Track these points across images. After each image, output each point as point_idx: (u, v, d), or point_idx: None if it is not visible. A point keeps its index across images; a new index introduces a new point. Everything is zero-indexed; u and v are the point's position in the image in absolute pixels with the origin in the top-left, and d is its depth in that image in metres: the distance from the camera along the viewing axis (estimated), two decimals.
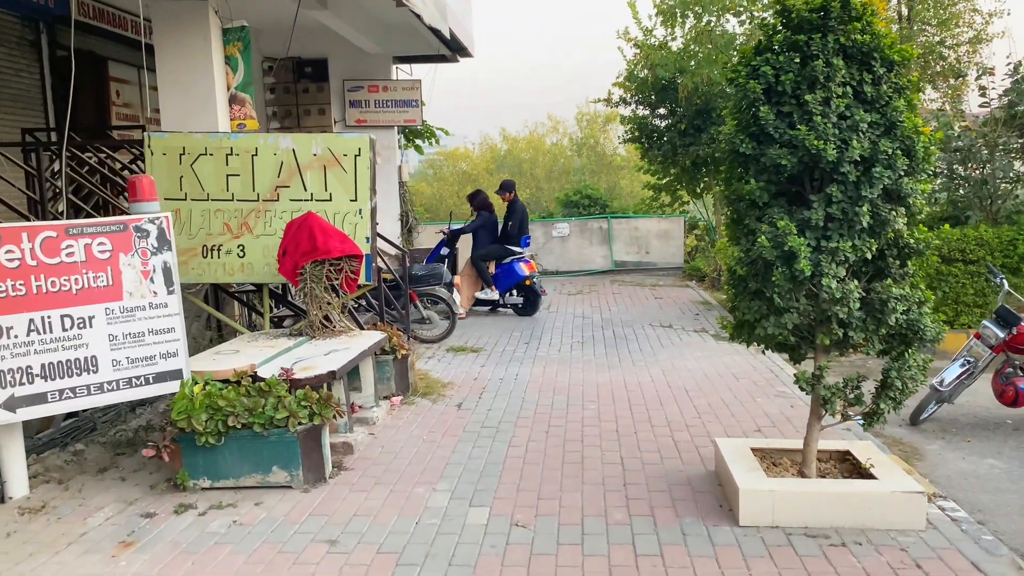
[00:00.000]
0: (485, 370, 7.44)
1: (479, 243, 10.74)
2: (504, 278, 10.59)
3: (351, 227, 6.47)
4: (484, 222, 10.79)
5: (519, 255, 10.56)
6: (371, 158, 6.50)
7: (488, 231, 10.78)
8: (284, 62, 14.45)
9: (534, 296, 10.61)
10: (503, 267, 10.58)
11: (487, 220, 10.82)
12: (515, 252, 10.56)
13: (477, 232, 10.83)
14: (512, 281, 10.55)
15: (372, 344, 5.88)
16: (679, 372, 7.23)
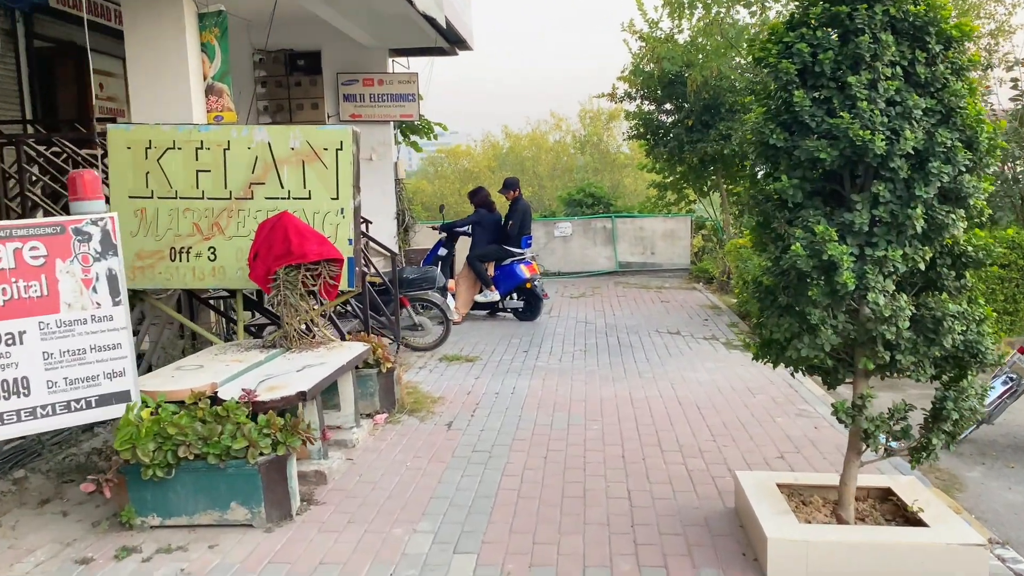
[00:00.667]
0: (479, 383, 6.88)
1: (477, 242, 10.12)
2: (504, 281, 10.00)
3: (332, 228, 5.92)
4: (481, 219, 10.15)
5: (520, 256, 9.99)
6: (354, 152, 5.94)
7: (487, 229, 10.15)
8: (276, 55, 13.91)
9: (535, 300, 10.03)
10: (503, 269, 9.99)
11: (484, 217, 10.16)
12: (515, 253, 9.98)
13: (475, 231, 10.21)
14: (512, 284, 9.97)
15: (352, 358, 5.32)
16: (689, 385, 6.66)
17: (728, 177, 14.28)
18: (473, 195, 10.53)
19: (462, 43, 14.02)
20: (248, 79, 13.91)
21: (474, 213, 10.24)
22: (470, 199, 10.52)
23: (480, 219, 10.16)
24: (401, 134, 15.05)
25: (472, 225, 10.23)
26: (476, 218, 10.17)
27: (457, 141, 46.13)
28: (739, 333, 8.96)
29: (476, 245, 10.12)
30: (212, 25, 7.27)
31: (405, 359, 7.80)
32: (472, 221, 10.21)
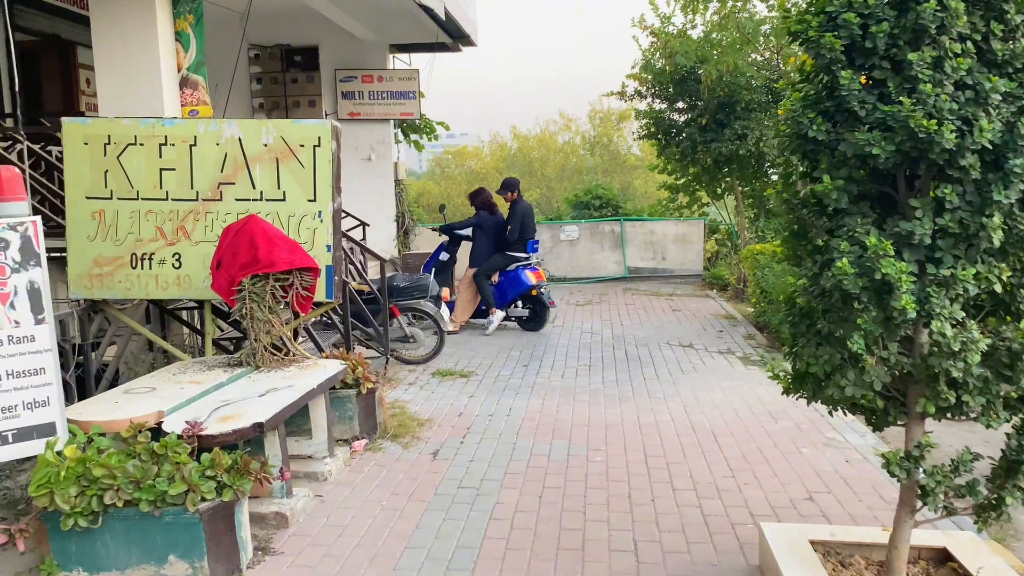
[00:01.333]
0: (473, 402, 6.28)
1: (478, 247, 9.48)
2: (508, 288, 9.35)
3: (308, 232, 5.35)
4: (482, 222, 9.47)
5: (524, 261, 9.37)
6: (333, 149, 5.36)
7: (488, 234, 9.48)
8: (272, 50, 13.39)
9: (542, 308, 9.38)
10: (507, 275, 9.34)
11: (486, 220, 9.49)
12: (519, 258, 9.36)
13: (475, 235, 9.56)
14: (517, 291, 9.32)
15: (326, 379, 4.74)
16: (704, 408, 6.04)
17: (743, 179, 13.64)
18: (474, 196, 9.87)
19: (465, 38, 13.46)
20: (243, 75, 13.38)
21: (474, 215, 9.59)
22: (471, 201, 9.85)
23: (481, 222, 9.51)
24: (402, 133, 14.48)
25: (472, 228, 9.59)
26: (476, 221, 9.52)
27: (465, 142, 45.66)
28: (757, 347, 8.33)
29: (477, 251, 9.47)
30: (187, 12, 6.72)
31: (395, 374, 7.22)
32: (472, 224, 9.56)
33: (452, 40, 13.37)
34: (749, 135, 12.12)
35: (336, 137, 5.42)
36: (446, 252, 9.76)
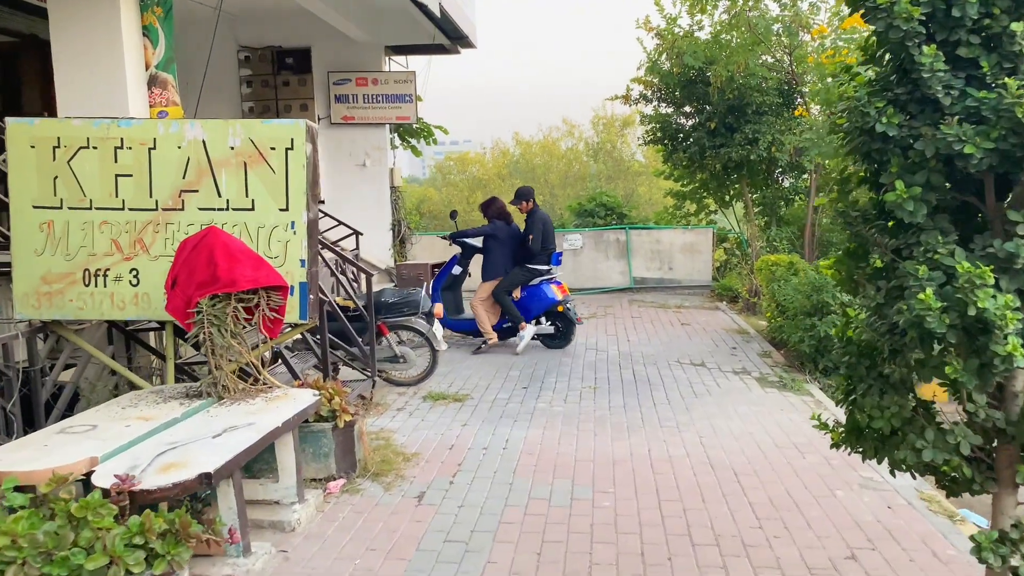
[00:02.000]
0: (466, 432, 5.69)
1: (492, 260, 8.67)
2: (531, 304, 8.58)
3: (280, 246, 4.79)
4: (496, 231, 8.68)
5: (547, 275, 8.66)
6: (308, 153, 4.80)
7: (504, 245, 8.68)
8: (262, 52, 12.84)
9: (568, 325, 8.69)
10: (530, 290, 8.61)
11: (501, 229, 8.70)
12: (541, 271, 8.63)
13: (489, 247, 8.72)
14: (541, 307, 8.59)
15: (295, 413, 4.16)
16: (722, 439, 5.44)
17: (754, 185, 13.06)
18: (487, 206, 9.01)
19: (464, 40, 12.91)
20: (232, 78, 12.85)
21: (488, 224, 8.76)
22: (483, 211, 9.01)
23: (496, 231, 8.69)
24: (399, 138, 13.92)
25: (486, 239, 8.75)
26: (491, 229, 8.69)
27: (468, 148, 45.15)
28: (774, 366, 7.73)
29: (492, 264, 8.68)
30: (154, 4, 6.16)
31: (382, 398, 6.63)
32: (487, 232, 8.72)
33: (450, 41, 12.82)
34: (760, 139, 11.54)
35: (311, 139, 4.86)
36: (459, 265, 8.97)
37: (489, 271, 8.69)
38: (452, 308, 8.86)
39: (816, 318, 7.15)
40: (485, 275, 8.73)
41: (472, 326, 8.81)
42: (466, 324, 8.88)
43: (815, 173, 11.77)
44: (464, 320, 8.89)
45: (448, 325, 8.73)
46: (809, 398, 6.56)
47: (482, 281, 8.76)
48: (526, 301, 8.60)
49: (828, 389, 7.00)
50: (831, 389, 6.99)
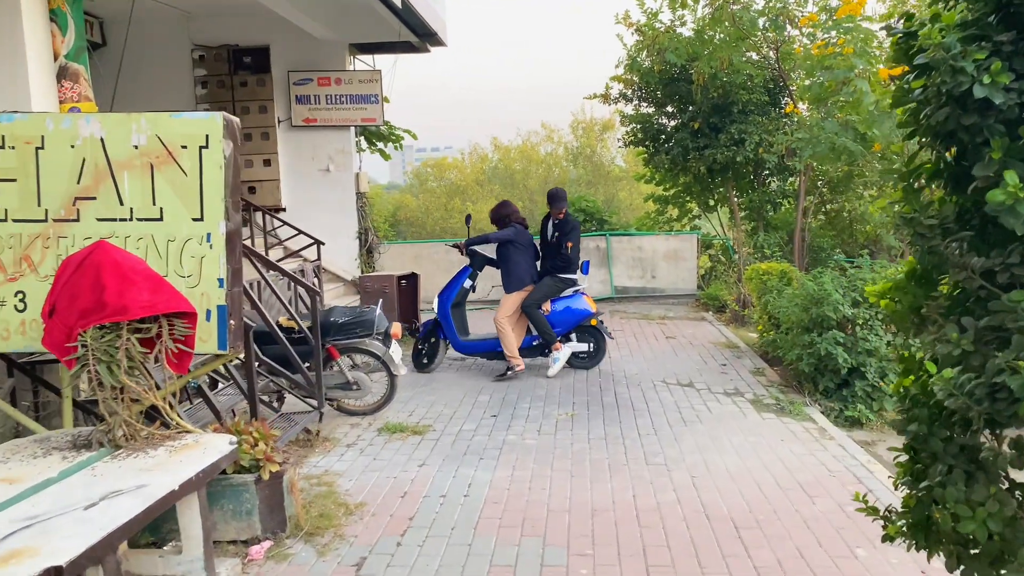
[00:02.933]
0: (424, 473, 4.94)
1: (514, 269, 7.64)
2: (563, 319, 7.67)
3: (194, 262, 4.04)
4: (518, 236, 7.65)
5: (576, 286, 7.76)
6: (226, 151, 4.05)
7: (525, 252, 7.70)
8: (218, 51, 12.04)
9: (600, 341, 7.84)
10: (559, 303, 7.71)
11: (522, 234, 7.68)
12: (573, 282, 7.70)
13: (508, 254, 7.66)
14: (574, 321, 7.70)
15: (200, 471, 3.38)
16: (717, 480, 4.72)
17: (739, 188, 12.41)
18: (502, 210, 7.86)
19: (433, 37, 12.17)
20: (186, 78, 12.04)
21: (509, 228, 7.68)
22: (497, 215, 7.86)
23: (517, 237, 7.65)
24: (365, 141, 13.16)
25: (504, 246, 7.68)
26: (513, 234, 7.62)
27: (443, 154, 44.43)
28: (768, 386, 7.03)
29: (513, 274, 7.63)
30: None
31: (332, 431, 5.86)
32: (508, 237, 7.63)
33: (418, 39, 12.08)
34: (747, 140, 10.88)
35: (231, 135, 4.10)
36: (469, 279, 7.86)
37: (514, 281, 7.64)
38: (460, 328, 7.86)
39: (815, 334, 6.45)
40: (509, 286, 7.68)
41: (488, 347, 7.75)
42: (481, 345, 7.79)
43: (805, 175, 11.13)
44: (478, 341, 7.82)
45: (460, 348, 7.79)
46: (811, 424, 5.86)
47: (506, 293, 7.70)
48: (556, 316, 7.65)
49: (830, 413, 6.31)
50: (833, 413, 6.31)
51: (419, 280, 9.90)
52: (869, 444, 5.86)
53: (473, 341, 7.83)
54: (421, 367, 7.89)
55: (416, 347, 7.98)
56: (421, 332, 8.04)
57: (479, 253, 7.86)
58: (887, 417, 6.25)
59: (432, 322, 7.95)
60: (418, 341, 8.01)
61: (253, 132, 12.05)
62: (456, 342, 7.77)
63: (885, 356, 6.23)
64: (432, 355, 7.94)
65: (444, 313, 7.73)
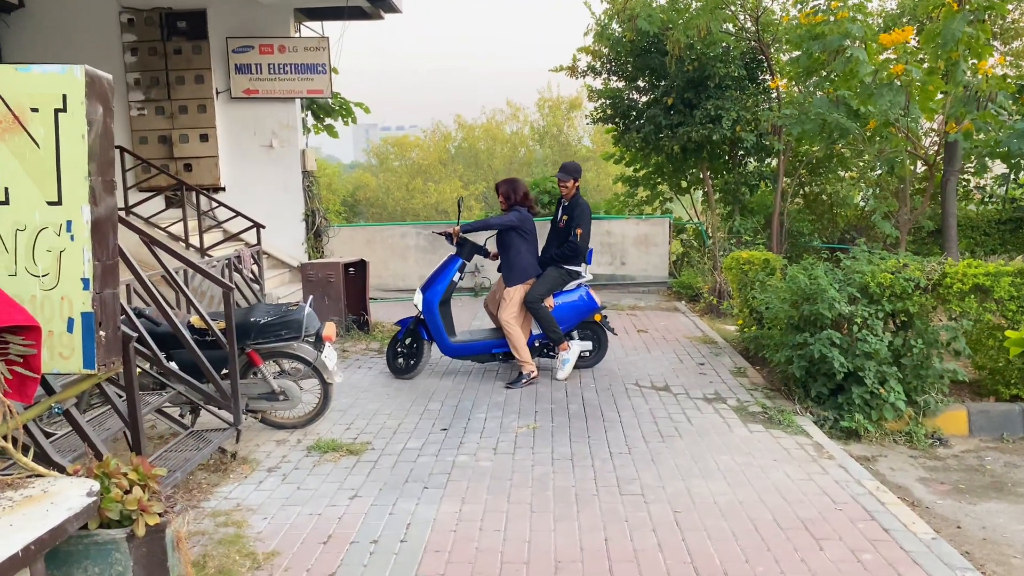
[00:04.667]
0: (355, 508, 4.11)
1: (519, 259, 6.66)
2: (569, 314, 6.79)
3: (49, 257, 3.22)
4: (521, 221, 6.64)
5: (582, 277, 6.86)
6: (91, 115, 3.17)
7: (530, 239, 6.72)
8: (149, 14, 10.95)
9: (603, 337, 7.07)
10: (562, 296, 6.80)
11: (525, 220, 6.67)
12: (578, 274, 6.81)
13: (511, 240, 6.66)
14: (580, 317, 6.85)
15: (35, 539, 2.53)
16: (705, 516, 3.97)
17: (714, 169, 11.69)
18: (511, 189, 6.76)
19: (385, 2, 11.20)
20: (114, 45, 10.93)
21: (511, 212, 6.67)
22: (503, 191, 6.78)
23: (523, 222, 6.66)
24: (313, 116, 12.18)
25: (505, 233, 6.69)
26: (517, 219, 6.62)
27: (407, 133, 43.31)
28: (752, 389, 6.32)
29: (517, 264, 6.66)
30: None
31: (252, 450, 5.01)
32: (510, 223, 6.60)
33: (370, 3, 11.11)
34: (724, 117, 10.15)
35: (99, 94, 3.22)
36: (459, 271, 6.84)
37: (517, 273, 6.67)
38: (449, 327, 6.86)
39: (808, 334, 5.73)
40: (512, 279, 6.71)
41: (483, 348, 6.85)
42: (474, 347, 6.86)
43: (784, 156, 10.44)
44: (471, 342, 6.87)
45: (449, 351, 6.82)
46: (805, 439, 5.15)
47: (507, 286, 6.75)
48: (559, 311, 6.74)
49: (824, 423, 5.61)
50: (828, 423, 5.61)
51: (368, 267, 9.01)
52: (869, 460, 5.18)
53: (465, 343, 6.86)
54: (399, 372, 6.90)
55: (393, 349, 6.96)
56: (400, 331, 6.96)
57: (470, 242, 6.87)
58: (887, 428, 5.57)
59: (411, 320, 6.91)
60: (396, 342, 6.97)
61: (189, 104, 11.03)
62: (445, 344, 6.78)
63: (886, 359, 5.53)
64: (413, 358, 6.92)
65: (431, 311, 6.71)
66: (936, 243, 10.15)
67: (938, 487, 4.82)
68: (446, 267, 6.81)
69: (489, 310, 7.15)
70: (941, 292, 5.72)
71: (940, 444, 5.56)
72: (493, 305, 7.03)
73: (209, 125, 11.03)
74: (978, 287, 5.65)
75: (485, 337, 6.93)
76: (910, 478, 4.95)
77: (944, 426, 5.72)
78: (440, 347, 6.82)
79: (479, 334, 7.07)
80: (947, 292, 5.69)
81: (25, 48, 10.87)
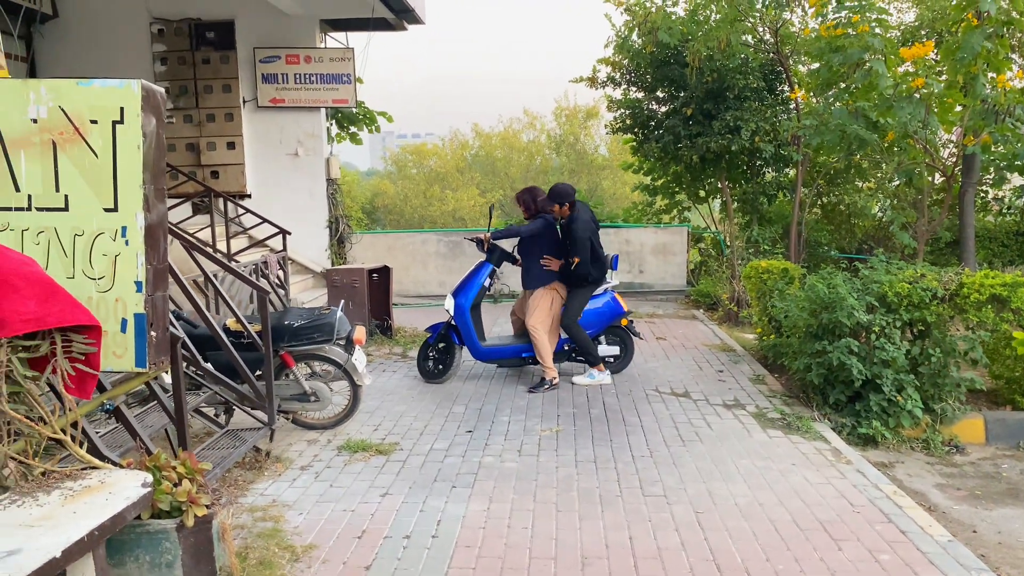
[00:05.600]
0: (387, 505, 4.27)
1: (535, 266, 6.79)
2: (595, 321, 6.94)
3: (105, 261, 3.38)
4: (545, 229, 6.76)
5: (608, 283, 7.01)
6: (146, 127, 3.35)
7: (552, 247, 6.79)
8: (179, 25, 11.21)
9: (629, 342, 7.19)
10: (590, 301, 6.91)
11: (550, 229, 6.79)
12: (603, 282, 6.94)
13: (533, 245, 6.77)
14: (605, 323, 7.01)
15: (98, 526, 2.70)
16: (725, 516, 4.09)
17: (732, 179, 11.79)
18: (533, 197, 6.91)
19: (410, 14, 11.40)
20: (144, 54, 11.21)
21: (538, 219, 6.77)
22: (527, 203, 6.90)
23: (547, 230, 6.76)
24: (337, 124, 12.40)
25: (529, 240, 6.79)
26: (543, 226, 6.74)
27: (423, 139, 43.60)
28: (771, 396, 6.43)
29: (538, 272, 6.76)
30: None
31: (285, 449, 5.18)
32: (539, 231, 6.73)
33: (394, 15, 11.33)
34: (743, 128, 10.26)
35: (153, 107, 3.40)
36: (489, 277, 6.95)
37: (541, 276, 6.79)
38: (480, 332, 6.96)
39: (826, 342, 5.84)
40: (531, 282, 6.86)
41: (512, 353, 6.96)
42: (504, 351, 6.97)
43: (802, 166, 10.54)
44: (501, 347, 6.98)
45: (480, 355, 6.94)
46: (823, 445, 5.26)
47: (527, 289, 6.92)
48: (587, 318, 6.87)
49: (841, 429, 5.71)
50: (846, 429, 5.70)
51: (391, 273, 9.19)
52: (886, 466, 5.27)
53: (495, 347, 6.97)
54: (431, 376, 6.99)
55: (425, 353, 7.06)
56: (431, 336, 7.05)
57: (499, 248, 6.99)
58: (904, 435, 5.66)
59: (443, 325, 6.99)
60: (427, 347, 7.06)
61: (216, 113, 11.27)
62: (477, 348, 6.89)
63: (903, 367, 5.63)
64: (445, 363, 7.01)
65: (463, 315, 6.81)
66: (954, 254, 10.20)
67: (954, 493, 4.91)
68: (476, 273, 6.95)
69: (515, 319, 7.27)
70: (958, 302, 5.81)
71: (957, 451, 5.64)
72: (520, 313, 7.16)
73: (236, 133, 11.27)
74: (995, 297, 5.74)
75: (514, 342, 7.04)
76: (927, 484, 5.04)
77: (961, 434, 5.80)
78: (471, 351, 6.93)
79: (508, 339, 7.17)
80: (964, 302, 5.78)
81: (58, 57, 11.16)
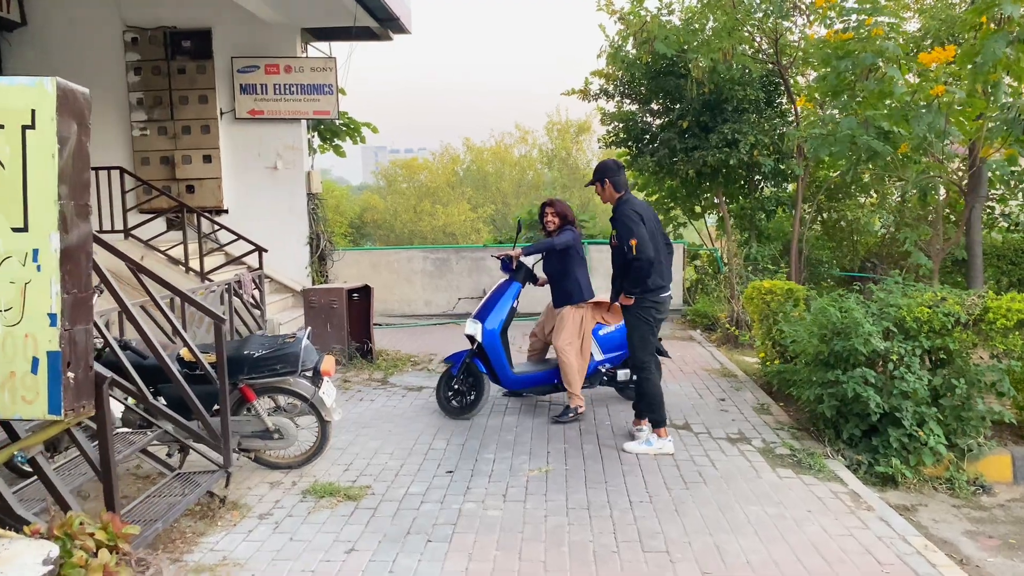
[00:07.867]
0: (351, 564, 3.75)
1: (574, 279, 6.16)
2: (618, 344, 6.37)
3: (13, 290, 2.91)
4: (576, 240, 6.23)
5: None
6: (67, 132, 2.86)
7: (579, 261, 6.25)
8: (153, 33, 10.74)
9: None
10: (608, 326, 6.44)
11: (579, 240, 6.27)
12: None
13: (561, 260, 6.21)
14: None
15: None
16: (736, 575, 3.60)
17: (730, 194, 11.34)
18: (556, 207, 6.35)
19: (395, 22, 10.98)
20: (117, 64, 10.72)
21: (565, 231, 6.23)
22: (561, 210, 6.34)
23: (576, 241, 6.22)
24: (319, 137, 11.92)
25: (556, 254, 6.22)
26: (572, 238, 6.19)
27: (413, 155, 43.21)
28: (778, 428, 5.93)
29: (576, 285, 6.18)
30: None
31: (243, 494, 4.65)
32: (569, 243, 6.16)
33: (379, 24, 10.89)
34: (741, 141, 9.82)
35: (71, 110, 2.91)
36: (515, 298, 6.36)
37: (573, 292, 6.19)
38: (510, 359, 6.32)
39: (839, 371, 5.36)
40: (561, 299, 6.26)
41: (544, 379, 6.37)
42: (536, 378, 6.38)
43: (803, 181, 10.10)
44: (533, 373, 6.39)
45: (511, 384, 6.35)
46: (839, 487, 4.76)
47: (557, 307, 6.31)
48: (608, 342, 6.35)
49: (858, 467, 5.22)
50: (862, 468, 5.22)
51: (372, 293, 8.68)
52: (909, 510, 4.79)
53: (526, 374, 6.36)
54: (455, 413, 6.28)
55: (447, 387, 6.33)
56: (454, 367, 6.31)
57: (525, 266, 6.41)
58: (925, 474, 5.18)
59: (466, 354, 6.29)
60: (450, 379, 6.33)
61: (192, 125, 10.79)
62: (508, 377, 6.27)
63: (924, 399, 5.15)
64: (473, 395, 6.32)
65: (493, 342, 6.14)
66: (960, 272, 9.77)
67: (986, 541, 4.43)
68: (502, 293, 6.30)
69: (535, 339, 6.71)
70: (983, 328, 5.35)
71: (983, 492, 5.16)
72: (542, 334, 6.63)
73: (212, 146, 10.78)
74: (1023, 323, 5.28)
75: (544, 367, 6.43)
76: (955, 531, 4.56)
77: (986, 472, 5.33)
78: (502, 380, 6.28)
79: (537, 364, 6.55)
80: (990, 328, 5.31)
81: (27, 65, 10.65)
